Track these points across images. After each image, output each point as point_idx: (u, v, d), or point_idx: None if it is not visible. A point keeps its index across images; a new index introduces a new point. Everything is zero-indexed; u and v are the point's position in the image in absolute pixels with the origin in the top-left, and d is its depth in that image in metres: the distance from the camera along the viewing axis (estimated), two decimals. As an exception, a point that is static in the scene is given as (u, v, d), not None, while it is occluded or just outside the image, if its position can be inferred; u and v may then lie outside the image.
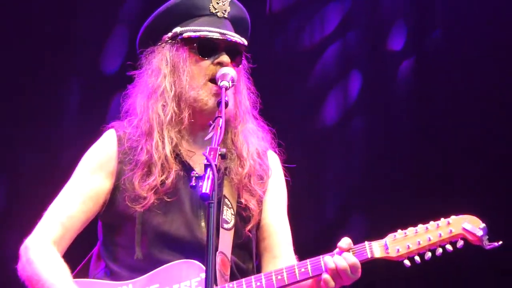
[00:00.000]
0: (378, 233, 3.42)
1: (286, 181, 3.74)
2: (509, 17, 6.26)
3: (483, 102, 6.29)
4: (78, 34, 5.91)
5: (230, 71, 3.44)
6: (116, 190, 3.51)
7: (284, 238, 3.65)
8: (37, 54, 5.81)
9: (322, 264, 3.33)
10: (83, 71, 5.94)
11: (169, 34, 3.56)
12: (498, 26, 6.27)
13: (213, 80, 3.49)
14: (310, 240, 5.54)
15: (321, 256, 3.36)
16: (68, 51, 5.89)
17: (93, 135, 3.65)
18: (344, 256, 3.32)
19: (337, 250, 3.36)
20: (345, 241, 3.36)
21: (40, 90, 5.81)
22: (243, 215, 3.56)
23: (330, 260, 3.33)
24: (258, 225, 3.62)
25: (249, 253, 3.59)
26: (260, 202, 3.60)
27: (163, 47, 3.57)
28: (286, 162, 3.76)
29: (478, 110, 6.28)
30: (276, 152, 3.72)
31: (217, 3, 3.57)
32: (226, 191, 3.53)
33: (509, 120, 6.25)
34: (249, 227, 3.56)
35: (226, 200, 3.52)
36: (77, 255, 3.62)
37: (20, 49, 5.80)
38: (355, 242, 3.38)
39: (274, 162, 3.71)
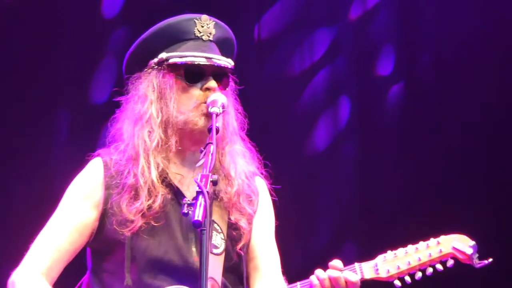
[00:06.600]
0: (371, 258, 3.40)
1: (273, 201, 3.71)
2: (497, 41, 6.29)
3: (472, 125, 6.30)
4: (66, 64, 5.90)
5: (220, 98, 3.42)
6: (104, 215, 3.47)
7: (272, 259, 3.63)
8: (25, 84, 5.80)
9: (313, 278, 3.32)
10: (72, 101, 5.92)
11: (155, 60, 3.55)
12: (486, 50, 6.31)
13: (203, 103, 3.47)
14: (301, 267, 5.51)
15: (310, 277, 3.34)
16: (56, 81, 5.87)
17: (83, 165, 3.61)
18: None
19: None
20: (335, 262, 3.35)
21: (28, 121, 5.79)
22: (233, 234, 3.54)
23: (322, 272, 3.32)
24: (248, 245, 3.59)
25: (239, 277, 3.56)
26: (250, 221, 3.58)
27: (149, 73, 3.55)
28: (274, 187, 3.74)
29: (468, 134, 6.30)
30: (262, 177, 3.70)
31: (202, 27, 3.56)
32: (215, 215, 3.51)
33: (500, 144, 6.26)
34: (240, 245, 3.54)
35: (215, 225, 3.49)
36: (67, 284, 3.58)
37: (8, 80, 5.79)
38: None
39: (261, 186, 3.70)
